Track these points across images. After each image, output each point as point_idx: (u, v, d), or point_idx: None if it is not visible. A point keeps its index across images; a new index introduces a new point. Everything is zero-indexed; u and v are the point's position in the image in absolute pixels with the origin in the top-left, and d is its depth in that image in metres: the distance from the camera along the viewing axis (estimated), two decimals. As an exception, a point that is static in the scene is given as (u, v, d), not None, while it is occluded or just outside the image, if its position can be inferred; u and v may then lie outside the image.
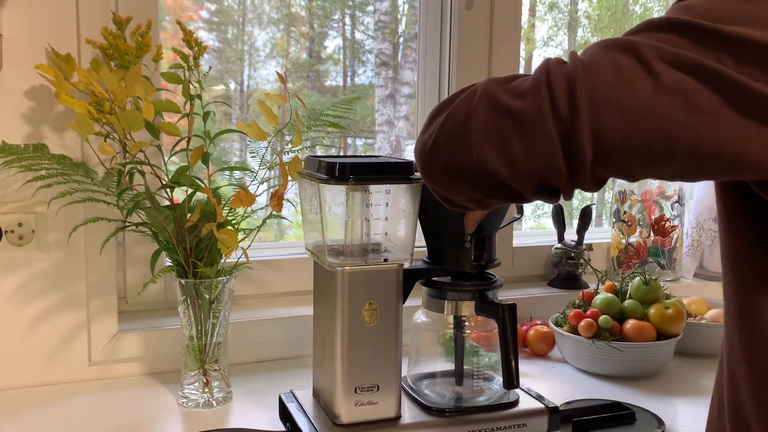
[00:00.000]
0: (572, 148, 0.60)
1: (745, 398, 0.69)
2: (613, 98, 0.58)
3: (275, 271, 1.45)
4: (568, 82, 0.60)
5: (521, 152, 0.63)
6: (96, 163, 1.16)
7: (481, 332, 1.07)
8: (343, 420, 0.96)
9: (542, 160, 0.62)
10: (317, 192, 0.94)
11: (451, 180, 0.71)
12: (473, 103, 0.67)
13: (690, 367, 1.38)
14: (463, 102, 0.68)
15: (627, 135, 0.58)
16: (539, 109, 0.61)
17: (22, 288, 1.18)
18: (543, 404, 1.04)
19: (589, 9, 2.01)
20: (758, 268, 0.67)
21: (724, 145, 0.57)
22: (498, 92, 0.65)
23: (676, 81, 0.57)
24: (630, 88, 0.58)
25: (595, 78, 0.59)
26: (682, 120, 0.57)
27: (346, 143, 1.75)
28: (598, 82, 0.59)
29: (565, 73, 0.61)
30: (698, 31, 0.57)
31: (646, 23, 0.61)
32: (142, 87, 1.04)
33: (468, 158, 0.67)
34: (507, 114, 0.64)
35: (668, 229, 1.74)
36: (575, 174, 0.62)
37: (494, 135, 0.65)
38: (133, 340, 1.25)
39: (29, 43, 1.13)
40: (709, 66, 0.56)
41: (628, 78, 0.58)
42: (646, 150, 0.58)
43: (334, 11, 1.69)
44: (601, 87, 0.59)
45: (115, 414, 1.12)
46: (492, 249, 1.04)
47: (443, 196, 0.76)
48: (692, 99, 0.56)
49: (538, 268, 1.71)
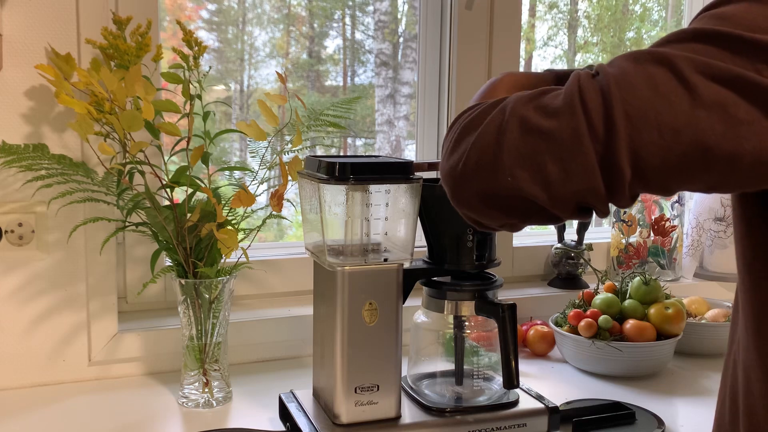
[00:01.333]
0: (611, 168, 0.59)
1: (759, 402, 0.69)
2: (651, 114, 0.57)
3: (275, 271, 1.45)
4: (602, 98, 0.58)
5: (558, 175, 0.61)
6: (96, 163, 1.16)
7: (481, 332, 1.07)
8: (343, 420, 0.96)
9: (580, 182, 0.60)
10: (317, 192, 0.94)
11: (484, 206, 0.68)
12: (503, 124, 0.64)
13: (690, 367, 1.38)
14: (492, 123, 0.65)
15: (666, 152, 0.57)
16: (575, 130, 0.59)
17: (22, 288, 1.18)
18: (543, 404, 1.04)
19: (588, 9, 2.01)
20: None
21: (764, 156, 0.56)
22: (528, 112, 0.63)
23: (713, 94, 0.56)
24: (667, 103, 0.56)
25: (630, 94, 0.57)
26: (722, 133, 0.56)
27: (346, 143, 1.75)
28: (633, 98, 0.57)
29: (598, 89, 0.59)
30: (735, 41, 0.56)
31: (677, 33, 0.59)
32: (142, 87, 1.04)
33: (502, 185, 0.64)
34: (540, 136, 0.61)
35: (668, 229, 1.74)
36: (613, 193, 0.60)
37: (528, 159, 0.62)
38: (133, 340, 1.25)
39: (29, 43, 1.13)
40: (747, 77, 0.55)
41: (664, 92, 0.56)
42: (685, 165, 0.57)
43: (334, 11, 1.69)
44: (638, 103, 0.57)
45: (115, 414, 1.12)
46: (492, 249, 1.04)
47: (475, 220, 0.72)
48: (731, 112, 0.55)
49: (538, 268, 1.71)
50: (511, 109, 0.64)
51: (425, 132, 1.62)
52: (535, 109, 0.62)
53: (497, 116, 0.65)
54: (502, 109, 0.65)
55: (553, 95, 0.63)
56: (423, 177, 0.98)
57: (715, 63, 0.56)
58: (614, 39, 2.05)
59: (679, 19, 2.02)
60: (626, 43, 2.06)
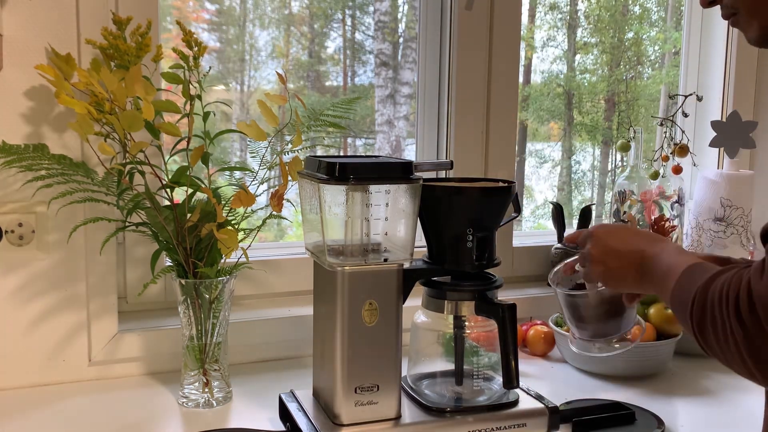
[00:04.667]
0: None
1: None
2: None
3: (275, 271, 1.45)
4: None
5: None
6: (96, 163, 1.16)
7: (481, 332, 1.07)
8: (343, 420, 0.96)
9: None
10: (317, 192, 0.94)
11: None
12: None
13: (690, 367, 1.38)
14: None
15: None
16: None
17: (22, 288, 1.18)
18: (543, 404, 1.04)
19: (588, 9, 2.02)
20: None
21: None
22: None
23: None
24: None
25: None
26: None
27: (346, 143, 1.75)
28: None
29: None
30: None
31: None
32: (142, 87, 1.04)
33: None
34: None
35: (668, 229, 1.73)
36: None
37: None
38: (133, 340, 1.25)
39: (29, 43, 1.14)
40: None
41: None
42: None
43: (334, 12, 1.69)
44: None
45: (115, 414, 1.12)
46: (492, 249, 1.04)
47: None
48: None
49: (538, 268, 1.71)
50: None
51: (425, 132, 1.62)
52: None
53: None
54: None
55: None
56: (423, 177, 0.98)
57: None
58: (614, 39, 2.05)
59: (678, 19, 2.02)
60: (626, 43, 2.06)
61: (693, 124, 1.88)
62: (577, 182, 2.20)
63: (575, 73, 2.05)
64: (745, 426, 1.13)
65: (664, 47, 2.08)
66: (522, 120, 2.00)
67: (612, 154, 2.17)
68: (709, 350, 0.71)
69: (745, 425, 1.13)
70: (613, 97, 2.07)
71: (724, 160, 1.79)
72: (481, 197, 1.02)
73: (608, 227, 0.96)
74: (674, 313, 0.79)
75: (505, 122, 1.60)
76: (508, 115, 1.60)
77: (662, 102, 2.05)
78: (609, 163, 2.18)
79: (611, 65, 2.05)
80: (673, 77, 2.04)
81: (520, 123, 1.96)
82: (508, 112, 1.60)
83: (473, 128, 1.57)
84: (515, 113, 1.61)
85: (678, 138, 1.71)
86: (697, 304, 0.71)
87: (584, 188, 2.21)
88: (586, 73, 2.07)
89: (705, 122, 1.82)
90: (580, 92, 2.06)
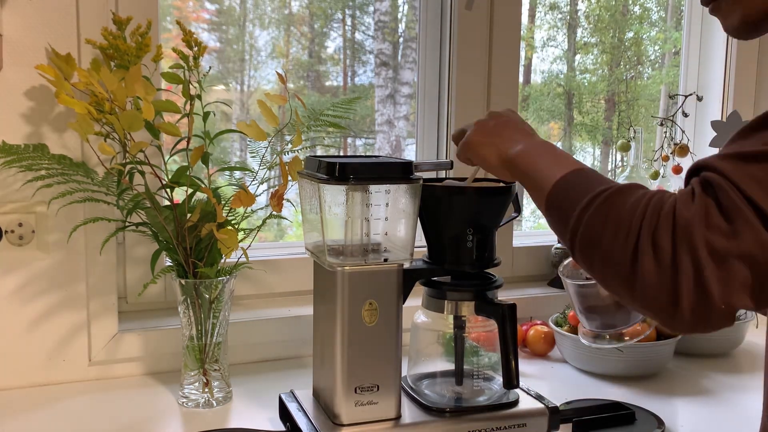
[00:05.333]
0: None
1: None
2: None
3: (275, 271, 1.45)
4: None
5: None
6: (96, 163, 1.16)
7: (481, 332, 1.07)
8: (343, 420, 0.96)
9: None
10: (317, 192, 0.94)
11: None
12: (695, 263, 0.60)
13: (690, 367, 1.38)
14: (680, 262, 0.60)
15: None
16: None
17: (22, 288, 1.18)
18: (543, 404, 1.04)
19: (588, 9, 2.02)
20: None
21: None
22: (712, 240, 0.60)
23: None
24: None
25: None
26: None
27: (346, 143, 1.75)
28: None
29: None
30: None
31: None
32: (142, 87, 1.04)
33: (720, 317, 0.62)
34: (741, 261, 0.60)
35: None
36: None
37: (739, 286, 0.60)
38: (133, 340, 1.25)
39: (29, 43, 1.14)
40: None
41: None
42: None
43: (334, 12, 1.69)
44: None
45: (115, 414, 1.12)
46: (492, 249, 1.04)
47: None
48: None
49: (538, 268, 1.71)
50: (689, 243, 0.60)
51: (425, 132, 1.62)
52: (714, 235, 0.60)
53: (681, 255, 0.61)
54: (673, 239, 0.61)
55: (716, 214, 0.61)
56: (423, 177, 0.98)
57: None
58: (614, 39, 2.05)
59: (678, 19, 2.02)
60: (626, 43, 2.06)
61: (693, 124, 1.88)
62: (577, 182, 2.19)
63: (575, 73, 2.05)
64: (744, 426, 1.13)
65: (664, 47, 2.08)
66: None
67: (612, 154, 2.17)
68: (586, 266, 0.68)
69: (744, 425, 1.13)
70: (613, 97, 2.07)
71: (724, 160, 1.78)
72: (481, 197, 1.01)
73: (494, 113, 0.94)
74: (548, 217, 0.75)
75: (505, 122, 1.59)
76: (508, 115, 1.60)
77: (662, 102, 2.05)
78: (609, 163, 2.18)
79: (611, 65, 2.05)
80: (673, 77, 2.04)
81: (520, 123, 1.96)
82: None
83: (473, 128, 1.57)
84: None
85: (678, 138, 1.71)
86: (592, 216, 0.67)
87: (584, 188, 2.21)
88: (586, 73, 2.07)
89: (705, 122, 1.82)
90: (580, 92, 2.06)
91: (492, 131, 0.91)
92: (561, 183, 0.74)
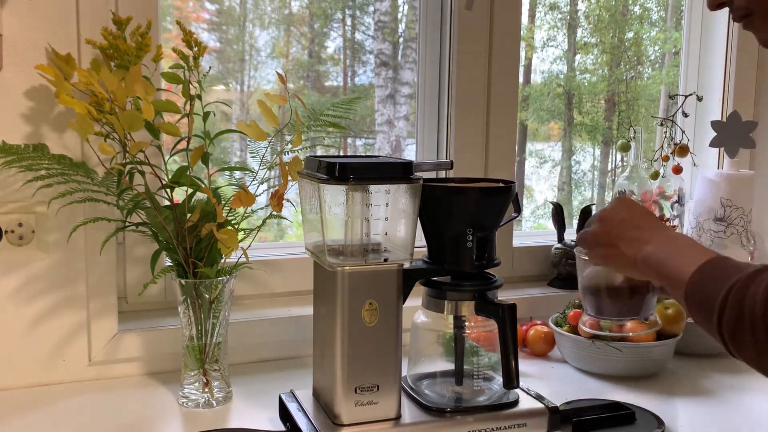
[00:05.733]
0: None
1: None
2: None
3: (275, 271, 1.45)
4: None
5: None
6: (96, 163, 1.16)
7: (481, 332, 1.07)
8: (343, 420, 0.96)
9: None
10: (317, 192, 0.94)
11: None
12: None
13: (690, 367, 1.38)
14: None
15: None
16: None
17: (22, 288, 1.18)
18: (543, 404, 1.04)
19: (588, 9, 2.02)
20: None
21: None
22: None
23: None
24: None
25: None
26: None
27: (346, 143, 1.75)
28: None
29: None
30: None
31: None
32: (142, 87, 1.04)
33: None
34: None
35: (668, 229, 1.73)
36: None
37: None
38: (133, 340, 1.25)
39: (29, 43, 1.14)
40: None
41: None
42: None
43: (334, 12, 1.69)
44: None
45: (115, 414, 1.12)
46: (492, 249, 1.04)
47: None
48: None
49: (538, 268, 1.71)
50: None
51: (425, 132, 1.62)
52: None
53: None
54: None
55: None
56: (423, 177, 0.98)
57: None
58: (614, 39, 2.06)
59: (678, 19, 2.02)
60: (626, 43, 2.06)
61: (693, 124, 1.88)
62: (577, 182, 2.20)
63: (575, 73, 2.05)
64: (744, 426, 1.13)
65: (664, 47, 2.08)
66: (522, 120, 2.00)
67: (612, 154, 2.17)
68: (740, 356, 0.70)
69: (745, 425, 1.13)
70: (613, 97, 2.07)
71: (724, 160, 1.79)
72: (481, 197, 1.02)
73: (614, 209, 0.95)
74: (691, 313, 0.78)
75: (505, 122, 1.60)
76: (508, 115, 1.60)
77: (662, 102, 2.05)
78: (609, 163, 2.18)
79: (611, 65, 2.05)
80: (673, 77, 2.04)
81: (520, 123, 1.96)
82: (508, 112, 1.60)
83: (473, 128, 1.57)
84: (515, 113, 1.61)
85: (678, 138, 1.71)
86: (730, 309, 0.69)
87: (584, 188, 2.22)
88: (586, 73, 2.07)
89: (705, 122, 1.82)
90: (580, 92, 2.06)
91: (618, 234, 0.92)
92: (695, 279, 0.77)
